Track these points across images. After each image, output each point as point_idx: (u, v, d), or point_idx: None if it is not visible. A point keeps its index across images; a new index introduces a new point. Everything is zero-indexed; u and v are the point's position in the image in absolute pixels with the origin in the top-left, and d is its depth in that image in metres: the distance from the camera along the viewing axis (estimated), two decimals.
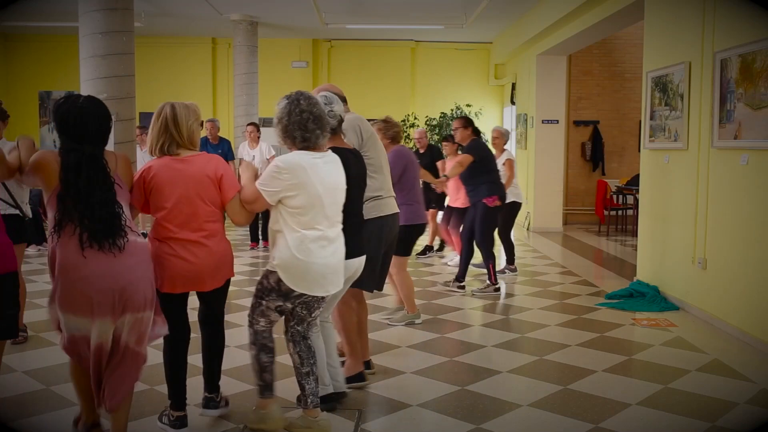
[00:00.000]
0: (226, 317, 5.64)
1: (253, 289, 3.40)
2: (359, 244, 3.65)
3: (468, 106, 13.47)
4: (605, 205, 11.38)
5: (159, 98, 14.42)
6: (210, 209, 3.21)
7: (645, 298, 6.29)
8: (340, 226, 3.33)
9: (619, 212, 11.66)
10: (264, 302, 3.27)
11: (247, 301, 6.25)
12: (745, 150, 5.07)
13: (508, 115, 13.65)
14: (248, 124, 9.60)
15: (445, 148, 8.18)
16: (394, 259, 5.23)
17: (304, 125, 3.14)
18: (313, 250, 3.14)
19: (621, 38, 11.90)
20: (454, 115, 13.29)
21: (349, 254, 3.45)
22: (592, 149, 12.34)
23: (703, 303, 5.68)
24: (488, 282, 6.68)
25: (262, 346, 3.30)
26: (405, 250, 5.30)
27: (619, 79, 12.28)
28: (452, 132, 7.12)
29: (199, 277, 3.24)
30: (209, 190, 3.20)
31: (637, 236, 7.58)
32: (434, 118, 13.37)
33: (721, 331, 5.30)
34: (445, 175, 6.86)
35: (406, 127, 13.55)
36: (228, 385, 4.02)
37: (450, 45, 13.78)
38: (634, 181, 9.93)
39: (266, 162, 9.61)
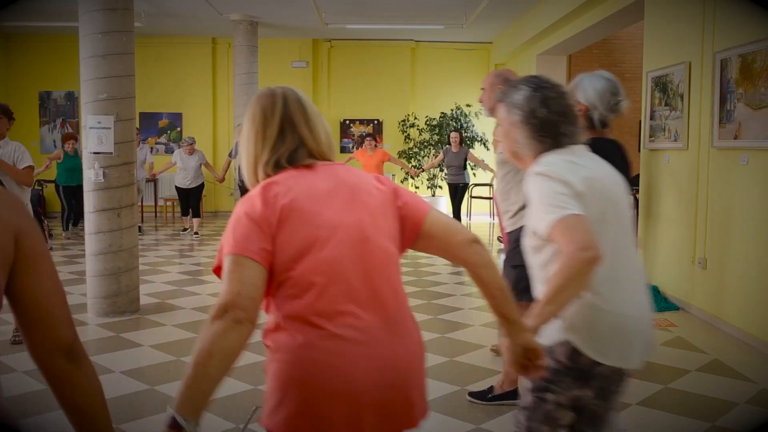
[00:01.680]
0: None
1: None
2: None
3: (468, 106, 13.47)
4: None
5: (159, 98, 14.39)
6: (393, 251, 1.69)
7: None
8: (639, 254, 2.16)
9: None
10: (551, 396, 2.02)
11: None
12: (745, 150, 5.07)
13: None
14: None
15: None
16: None
17: (571, 115, 2.10)
18: (618, 293, 1.99)
19: (621, 38, 11.90)
20: (454, 115, 13.30)
21: None
22: None
23: (703, 303, 5.68)
24: None
25: None
26: None
27: (619, 78, 12.07)
28: None
29: (404, 395, 1.63)
30: (387, 214, 1.70)
31: (636, 236, 7.57)
32: (434, 118, 13.37)
33: (721, 331, 5.30)
34: None
35: (406, 127, 13.56)
36: (227, 385, 4.02)
37: (450, 45, 13.77)
38: (634, 181, 9.92)
39: None
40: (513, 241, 3.65)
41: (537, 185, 1.97)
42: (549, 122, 2.05)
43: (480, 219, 12.49)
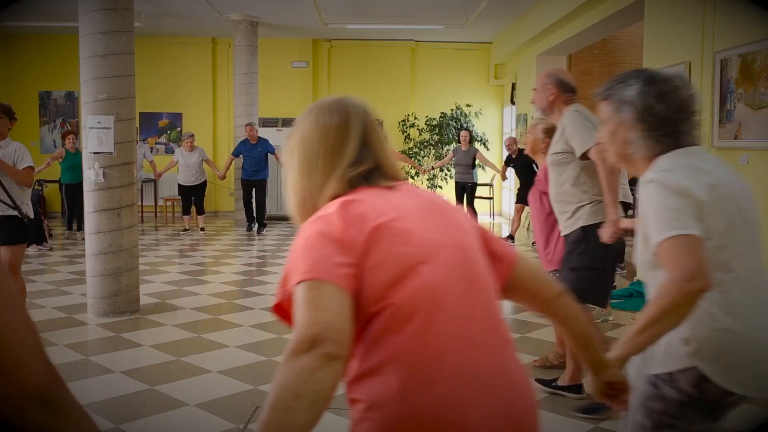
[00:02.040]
0: (224, 317, 5.69)
1: (252, 288, 3.24)
2: None
3: (468, 106, 13.48)
4: None
5: (159, 98, 14.41)
6: (493, 283, 1.45)
7: (645, 298, 6.29)
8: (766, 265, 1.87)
9: None
10: None
11: (249, 301, 6.28)
12: (745, 150, 5.07)
13: (508, 115, 13.65)
14: None
15: None
16: None
17: (690, 111, 1.86)
18: (756, 312, 1.75)
19: (621, 38, 11.90)
20: (454, 115, 13.29)
21: None
22: None
23: None
24: None
25: None
26: None
27: None
28: None
29: None
30: (476, 242, 1.47)
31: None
32: (434, 118, 13.37)
33: None
34: None
35: (406, 127, 13.56)
36: (227, 385, 4.02)
37: (450, 45, 13.77)
38: (634, 181, 9.92)
39: None
40: (571, 243, 3.64)
41: (651, 195, 1.73)
42: (667, 119, 1.81)
43: (480, 219, 12.48)
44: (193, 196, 10.78)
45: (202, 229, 10.80)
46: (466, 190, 10.60)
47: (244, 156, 10.76)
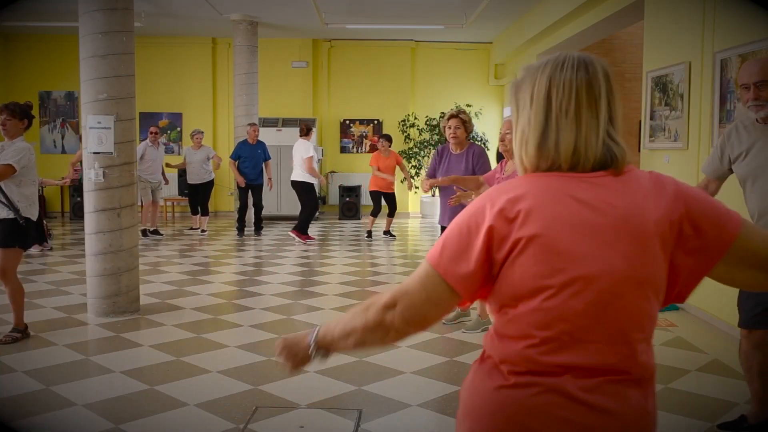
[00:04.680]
0: (225, 317, 5.70)
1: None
2: None
3: (468, 106, 13.47)
4: None
5: (159, 98, 14.39)
6: (650, 309, 1.31)
7: None
8: None
9: None
10: None
11: (249, 301, 6.29)
12: None
13: (508, 116, 13.66)
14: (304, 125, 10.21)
15: None
16: None
17: None
18: None
19: (621, 38, 11.90)
20: None
21: None
22: None
23: (703, 303, 5.68)
24: None
25: None
26: None
27: (619, 79, 12.28)
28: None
29: None
30: (654, 262, 1.29)
31: None
32: (434, 118, 13.37)
33: (721, 331, 5.30)
34: None
35: (406, 127, 13.56)
36: (228, 385, 4.02)
37: (450, 45, 13.78)
38: None
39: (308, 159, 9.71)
40: None
41: None
42: None
43: None
44: (199, 195, 10.84)
45: (204, 231, 10.81)
46: None
47: (243, 157, 10.66)
